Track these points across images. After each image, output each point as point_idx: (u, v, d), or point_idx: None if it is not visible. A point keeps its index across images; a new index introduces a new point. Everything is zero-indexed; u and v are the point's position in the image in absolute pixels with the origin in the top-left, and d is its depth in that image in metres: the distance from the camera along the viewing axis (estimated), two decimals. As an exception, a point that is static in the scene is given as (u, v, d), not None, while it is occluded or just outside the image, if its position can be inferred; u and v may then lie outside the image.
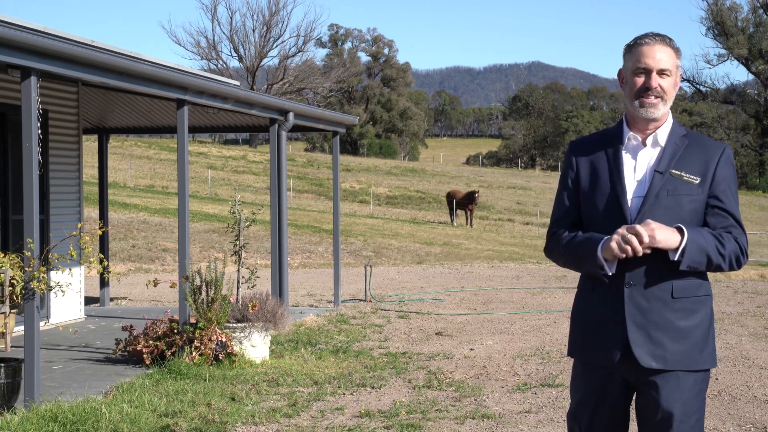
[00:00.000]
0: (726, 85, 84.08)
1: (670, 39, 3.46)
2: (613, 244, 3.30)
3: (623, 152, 3.45)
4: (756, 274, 22.09)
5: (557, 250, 3.54)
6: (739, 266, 3.41)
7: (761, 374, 8.86)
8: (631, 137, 3.46)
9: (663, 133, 3.46)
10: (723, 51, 79.15)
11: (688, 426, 3.37)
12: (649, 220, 3.31)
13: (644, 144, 3.46)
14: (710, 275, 21.57)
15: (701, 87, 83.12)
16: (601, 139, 3.54)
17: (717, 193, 3.41)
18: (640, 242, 3.27)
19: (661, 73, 3.40)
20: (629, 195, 3.39)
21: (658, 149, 3.45)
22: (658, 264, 3.35)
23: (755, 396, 7.93)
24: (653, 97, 3.39)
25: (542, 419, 7.12)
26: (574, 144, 3.61)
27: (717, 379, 8.59)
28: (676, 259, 3.30)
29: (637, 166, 3.43)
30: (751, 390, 8.15)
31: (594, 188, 3.46)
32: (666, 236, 3.29)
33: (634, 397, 3.56)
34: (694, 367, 3.39)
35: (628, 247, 3.28)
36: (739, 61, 78.30)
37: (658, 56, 3.39)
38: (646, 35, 3.45)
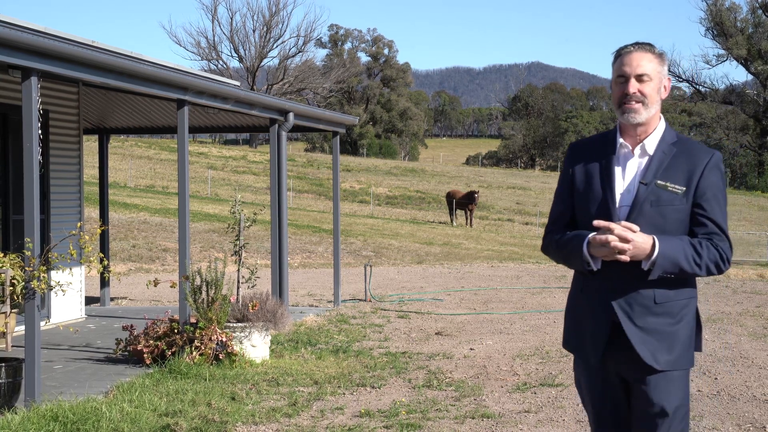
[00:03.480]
0: (725, 86, 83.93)
1: (651, 46, 3.54)
2: (597, 244, 3.43)
3: (615, 161, 3.55)
4: (755, 274, 22.10)
5: (551, 247, 3.69)
6: (720, 272, 3.49)
7: (760, 374, 8.88)
8: (622, 145, 3.56)
9: (651, 142, 3.55)
10: (722, 51, 79.12)
11: (679, 418, 3.54)
12: (633, 225, 3.40)
13: (633, 153, 3.55)
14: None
15: (700, 87, 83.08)
16: (598, 143, 3.64)
17: (701, 201, 3.48)
18: (624, 242, 3.36)
19: (640, 78, 3.48)
20: (618, 204, 3.50)
21: (646, 158, 3.54)
22: (638, 272, 3.45)
23: (754, 396, 7.94)
24: (633, 102, 3.48)
25: (542, 419, 7.13)
26: (573, 146, 3.73)
27: (716, 378, 8.61)
28: (646, 268, 3.41)
29: (625, 175, 3.53)
30: (750, 390, 8.16)
31: (587, 193, 3.57)
32: (641, 245, 3.37)
33: None
34: (681, 367, 3.54)
35: (606, 250, 3.40)
36: (738, 61, 78.29)
37: (635, 62, 3.48)
38: (627, 45, 3.57)
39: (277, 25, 77.08)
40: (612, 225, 3.38)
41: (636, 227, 3.38)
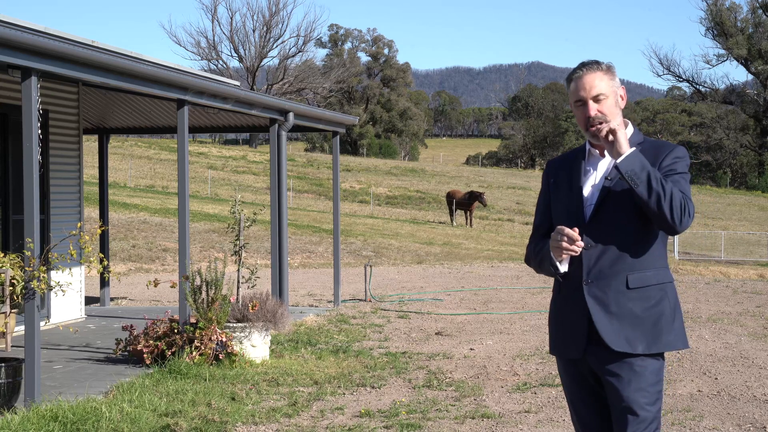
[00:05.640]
0: (725, 86, 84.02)
1: (598, 63, 3.72)
2: (551, 241, 3.64)
3: (586, 165, 3.79)
4: (755, 274, 22.13)
5: (530, 256, 3.90)
6: (682, 218, 3.52)
7: (761, 374, 8.88)
8: (591, 151, 3.81)
9: None
10: (722, 51, 79.19)
11: (651, 414, 3.63)
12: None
13: (603, 155, 3.77)
14: (707, 274, 21.56)
15: (701, 87, 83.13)
16: (570, 156, 3.91)
17: (664, 171, 3.64)
18: (605, 126, 3.59)
19: (596, 99, 3.67)
20: (587, 200, 3.72)
21: None
22: (610, 261, 3.64)
23: (755, 396, 7.94)
24: (598, 124, 3.67)
25: (542, 419, 7.13)
26: (549, 162, 3.99)
27: (716, 379, 8.61)
28: (617, 161, 3.55)
29: (597, 175, 3.76)
30: (750, 390, 8.16)
31: (559, 197, 3.82)
32: (622, 137, 3.57)
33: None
34: (657, 350, 3.64)
35: (563, 238, 3.57)
36: (738, 61, 78.31)
37: (588, 85, 3.68)
38: (576, 69, 3.75)
39: (277, 25, 77.17)
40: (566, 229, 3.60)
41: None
